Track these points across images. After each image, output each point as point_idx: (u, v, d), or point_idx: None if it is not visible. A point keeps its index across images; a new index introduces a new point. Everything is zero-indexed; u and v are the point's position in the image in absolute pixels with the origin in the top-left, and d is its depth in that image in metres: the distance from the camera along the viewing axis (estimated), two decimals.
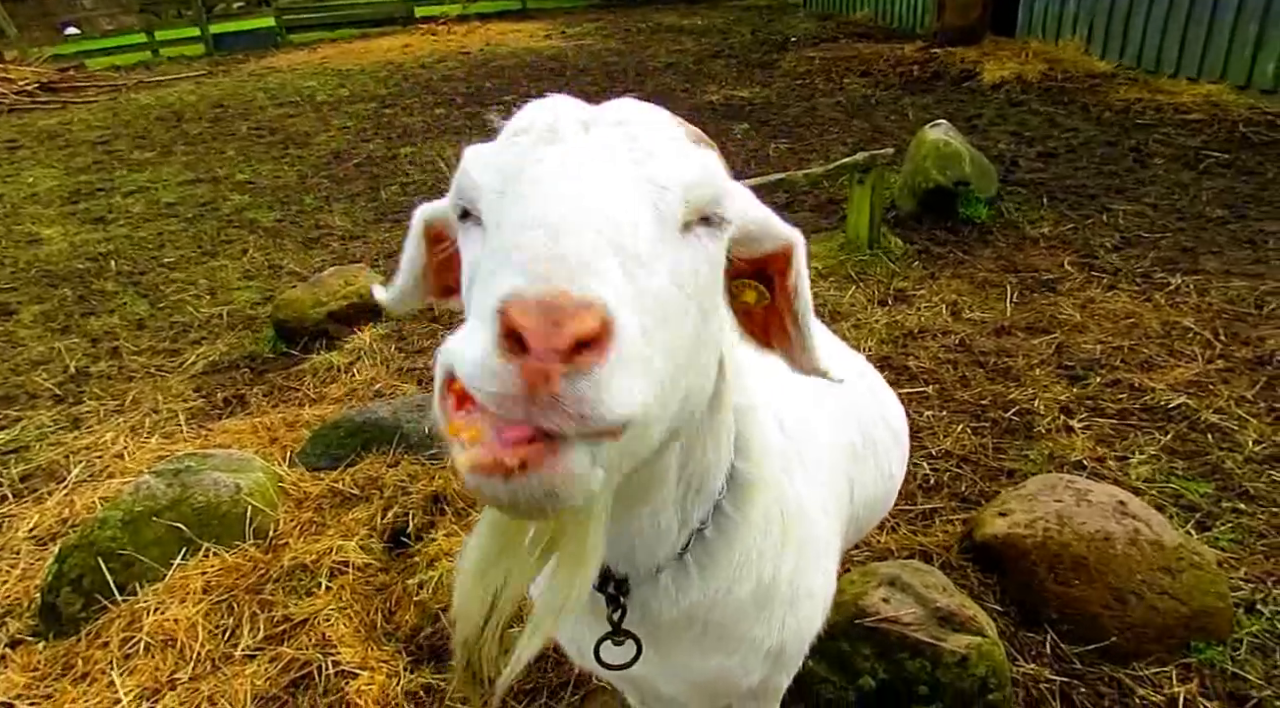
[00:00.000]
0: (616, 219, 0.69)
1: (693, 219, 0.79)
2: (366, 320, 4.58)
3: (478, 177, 0.79)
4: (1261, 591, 2.45)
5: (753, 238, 0.95)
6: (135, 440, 3.66)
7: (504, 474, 0.60)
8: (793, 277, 0.98)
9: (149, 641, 2.42)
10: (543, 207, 0.68)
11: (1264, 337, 3.80)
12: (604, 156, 0.75)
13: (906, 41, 11.25)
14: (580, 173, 0.72)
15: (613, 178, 0.73)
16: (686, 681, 1.22)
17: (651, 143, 0.78)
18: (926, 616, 2.10)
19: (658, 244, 0.72)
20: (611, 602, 1.08)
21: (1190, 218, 5.26)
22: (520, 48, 14.34)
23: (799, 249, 0.98)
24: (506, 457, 0.60)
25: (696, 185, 0.78)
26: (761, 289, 1.00)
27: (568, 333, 0.58)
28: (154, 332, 4.84)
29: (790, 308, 1.00)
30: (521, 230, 0.67)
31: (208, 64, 15.25)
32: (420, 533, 2.81)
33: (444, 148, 8.33)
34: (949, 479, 3.08)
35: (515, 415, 0.60)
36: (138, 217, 6.92)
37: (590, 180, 0.71)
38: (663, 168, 0.76)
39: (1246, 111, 7.01)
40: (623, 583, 1.08)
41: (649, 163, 0.76)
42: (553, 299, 0.59)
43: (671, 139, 0.81)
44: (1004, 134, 7.25)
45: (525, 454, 0.60)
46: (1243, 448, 3.08)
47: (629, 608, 1.09)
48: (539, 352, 0.58)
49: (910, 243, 5.14)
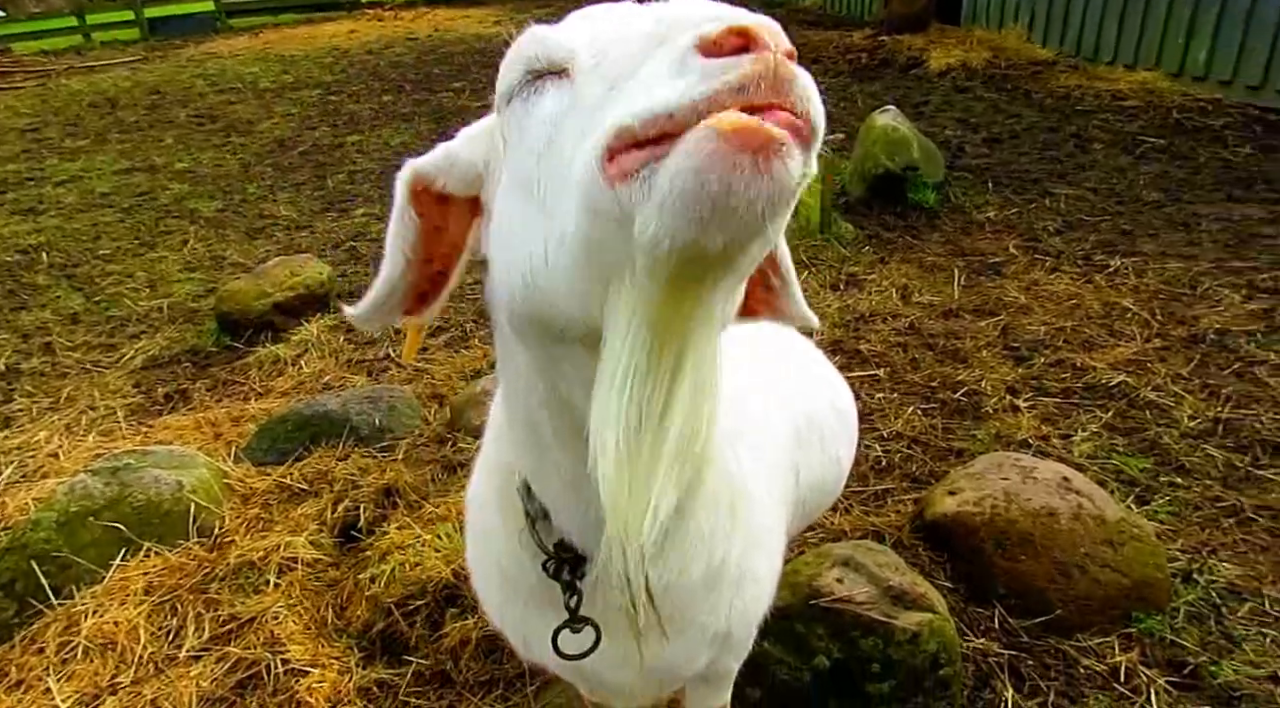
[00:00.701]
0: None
1: None
2: (314, 311, 4.48)
3: (563, 37, 0.73)
4: (1197, 561, 2.53)
5: None
6: (71, 439, 3.53)
7: (760, 146, 0.53)
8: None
9: (88, 645, 2.33)
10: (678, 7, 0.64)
11: (1198, 316, 3.92)
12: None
13: (855, 29, 11.35)
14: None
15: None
16: (635, 666, 1.21)
17: None
18: (879, 594, 2.13)
19: None
20: (568, 588, 1.06)
21: (1128, 202, 5.41)
22: (469, 34, 14.13)
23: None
24: (774, 130, 0.53)
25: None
26: None
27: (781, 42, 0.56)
28: (89, 326, 4.67)
29: (771, 259, 0.99)
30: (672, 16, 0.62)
31: (143, 49, 14.74)
32: (372, 527, 2.75)
33: (392, 136, 8.18)
34: (900, 460, 3.12)
35: (763, 95, 0.54)
36: (70, 207, 6.67)
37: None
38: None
39: (1180, 98, 7.22)
40: (578, 567, 1.06)
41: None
42: (754, 24, 0.56)
43: None
44: (950, 120, 7.37)
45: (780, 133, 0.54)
46: (1179, 424, 3.18)
47: (583, 594, 1.07)
48: (768, 43, 0.55)
49: (861, 228, 5.20)
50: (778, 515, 1.37)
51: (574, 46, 0.71)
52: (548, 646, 1.11)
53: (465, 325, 4.37)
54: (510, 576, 1.18)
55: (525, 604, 1.19)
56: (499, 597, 1.25)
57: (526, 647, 1.26)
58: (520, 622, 1.23)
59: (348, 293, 4.85)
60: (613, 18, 0.71)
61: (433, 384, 3.78)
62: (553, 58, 0.72)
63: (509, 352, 0.94)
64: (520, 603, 1.20)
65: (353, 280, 5.02)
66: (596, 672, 1.21)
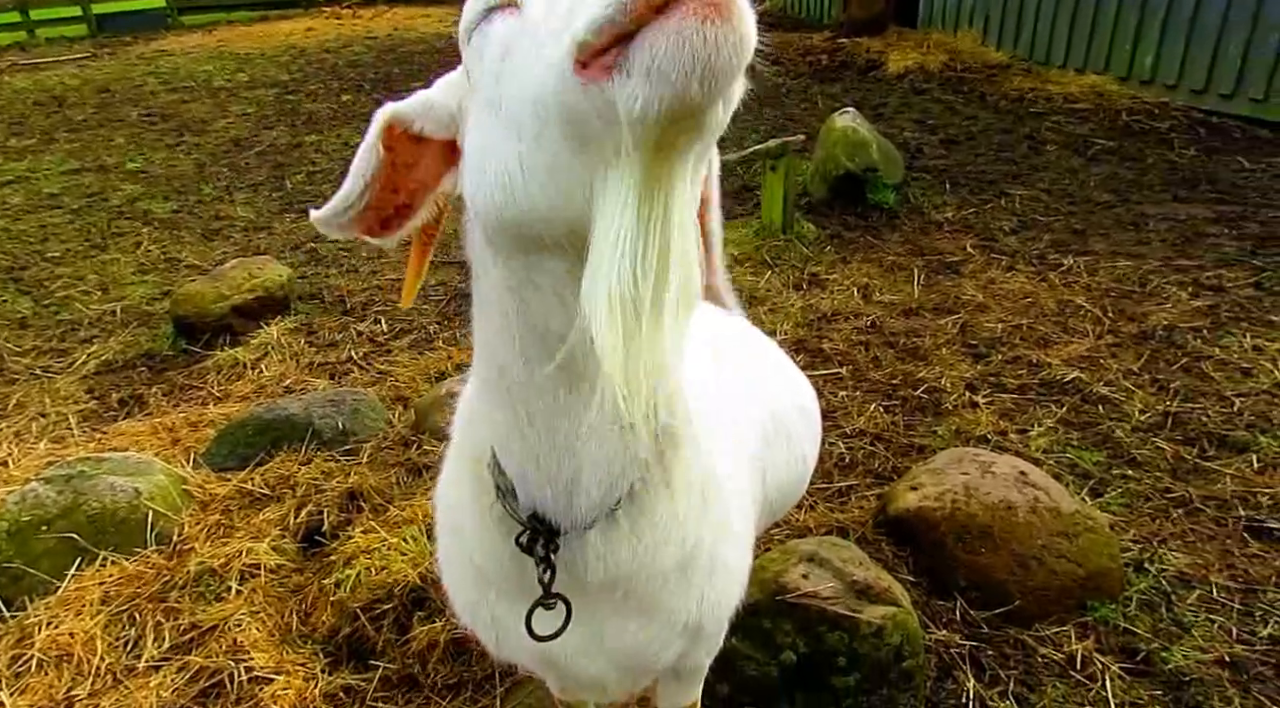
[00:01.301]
0: None
1: None
2: (274, 314, 4.41)
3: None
4: (1148, 551, 2.62)
5: None
6: (20, 447, 3.43)
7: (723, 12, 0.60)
8: (709, 189, 1.01)
9: (41, 657, 2.27)
10: None
11: (1147, 313, 4.04)
12: None
13: (814, 31, 11.48)
14: None
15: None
16: (606, 655, 1.22)
17: None
18: (844, 589, 2.16)
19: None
20: (542, 561, 1.07)
21: (1080, 202, 5.55)
22: (429, 33, 14.01)
23: (714, 169, 1.01)
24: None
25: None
26: None
27: None
28: (38, 330, 4.54)
29: (704, 229, 1.03)
30: None
31: (91, 46, 14.35)
32: (336, 531, 2.72)
33: (352, 135, 8.07)
34: (863, 457, 3.17)
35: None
36: (16, 208, 6.47)
37: None
38: None
39: (1128, 101, 7.42)
40: (551, 541, 1.06)
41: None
42: None
43: None
44: (908, 122, 7.49)
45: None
46: (1130, 418, 3.27)
47: (555, 569, 1.07)
48: None
49: (823, 228, 5.26)
50: (748, 510, 1.39)
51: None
52: (520, 636, 1.11)
53: (429, 328, 4.34)
54: (482, 567, 1.18)
55: (497, 596, 1.19)
56: (471, 594, 1.25)
57: (498, 644, 1.26)
58: (491, 617, 1.23)
59: (308, 295, 4.78)
60: None
61: (396, 387, 3.74)
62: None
63: (484, 277, 0.96)
64: (491, 595, 1.20)
65: (313, 282, 4.96)
66: (569, 661, 1.21)
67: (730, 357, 1.61)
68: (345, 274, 5.09)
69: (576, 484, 1.02)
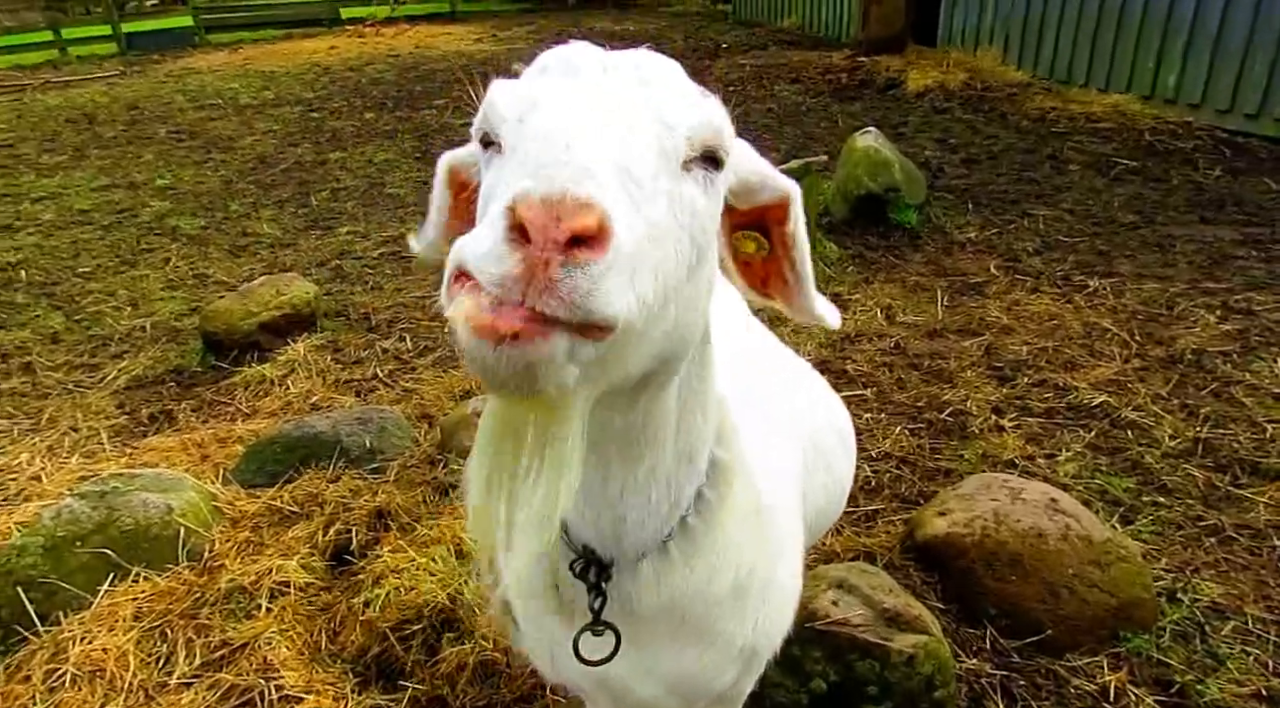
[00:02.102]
0: (624, 142, 0.75)
1: (694, 156, 0.84)
2: (301, 331, 4.46)
3: (502, 106, 0.84)
4: (1181, 580, 2.59)
5: (752, 189, 1.02)
6: (53, 461, 3.48)
7: (494, 341, 0.65)
8: (791, 224, 1.06)
9: (75, 672, 2.29)
10: (555, 123, 0.74)
11: (1175, 336, 4.01)
12: (618, 91, 0.82)
13: (834, 50, 11.52)
14: (594, 102, 0.78)
15: (624, 109, 0.79)
16: (660, 680, 1.22)
17: (663, 87, 0.86)
18: (874, 617, 2.15)
19: (659, 174, 0.78)
20: (594, 589, 1.08)
21: (1104, 223, 5.52)
22: (451, 51, 14.17)
23: (796, 198, 1.05)
24: (500, 324, 0.65)
25: (700, 127, 0.84)
26: (761, 239, 1.07)
27: (566, 226, 0.64)
28: (70, 345, 4.61)
29: (789, 254, 1.08)
30: (534, 143, 0.73)
31: (120, 64, 14.61)
32: (364, 550, 2.74)
33: (375, 153, 8.17)
34: (889, 480, 3.16)
35: (514, 295, 0.65)
36: (49, 224, 6.59)
37: (603, 108, 0.78)
38: (671, 109, 0.83)
39: (1152, 121, 7.40)
40: (605, 569, 1.07)
41: (659, 103, 0.83)
42: (557, 197, 0.65)
43: (681, 86, 0.88)
44: (929, 141, 7.49)
45: (517, 327, 0.65)
46: (1160, 444, 3.24)
47: (608, 599, 1.09)
48: (539, 241, 0.64)
49: (845, 248, 5.26)
50: (796, 532, 1.39)
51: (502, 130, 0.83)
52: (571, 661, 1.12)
53: (454, 346, 4.36)
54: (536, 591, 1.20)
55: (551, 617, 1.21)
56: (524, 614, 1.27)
57: (552, 664, 1.28)
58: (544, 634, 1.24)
59: (334, 312, 4.83)
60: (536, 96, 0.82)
61: (422, 404, 3.77)
62: (494, 128, 0.85)
63: None
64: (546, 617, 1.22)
65: (339, 299, 5.01)
66: (623, 685, 1.22)
67: (771, 380, 1.62)
68: (370, 291, 5.14)
69: (622, 526, 1.05)
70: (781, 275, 1.11)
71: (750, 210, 1.05)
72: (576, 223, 0.64)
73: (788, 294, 1.12)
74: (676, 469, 1.06)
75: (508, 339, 0.64)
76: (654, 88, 0.84)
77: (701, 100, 0.88)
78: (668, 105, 0.83)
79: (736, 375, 1.35)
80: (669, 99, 0.84)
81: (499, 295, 0.65)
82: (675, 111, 0.83)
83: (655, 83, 0.85)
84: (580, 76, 0.84)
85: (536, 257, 0.64)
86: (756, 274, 1.12)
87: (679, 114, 0.83)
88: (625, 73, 0.85)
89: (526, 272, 0.64)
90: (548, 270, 0.64)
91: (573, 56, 0.87)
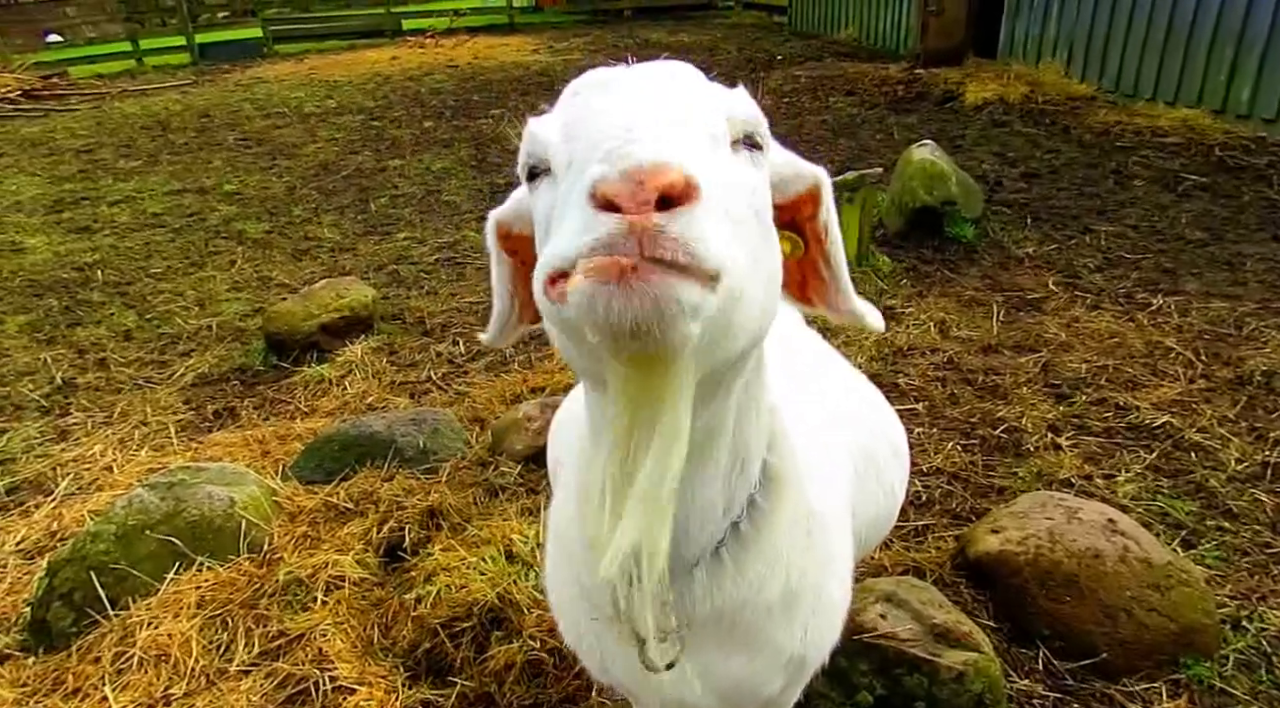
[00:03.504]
0: (675, 123, 0.76)
1: (738, 137, 0.87)
2: (358, 334, 4.58)
3: (544, 134, 0.86)
4: (1246, 608, 2.50)
5: (784, 180, 1.03)
6: (124, 453, 3.63)
7: (619, 279, 0.64)
8: (823, 215, 1.06)
9: (142, 656, 2.39)
10: (608, 119, 0.75)
11: (1244, 357, 3.88)
12: (656, 88, 0.83)
13: (890, 62, 11.42)
14: (637, 96, 0.80)
15: (666, 99, 0.80)
16: (711, 686, 1.23)
17: (693, 82, 0.89)
18: (923, 632, 2.13)
19: (714, 150, 0.80)
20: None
21: (1170, 239, 5.37)
22: (508, 62, 14.41)
23: (826, 185, 1.06)
24: (623, 259, 0.64)
25: (738, 110, 0.87)
26: (795, 239, 1.08)
27: (653, 186, 0.65)
28: (141, 343, 4.80)
29: (823, 249, 1.08)
30: (591, 139, 0.74)
31: (193, 73, 15.19)
32: (416, 548, 2.80)
33: (433, 161, 8.35)
34: (940, 496, 3.11)
35: (627, 249, 0.65)
36: (124, 226, 6.88)
37: (648, 99, 0.79)
38: (708, 97, 0.86)
39: (1222, 136, 7.16)
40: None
41: (695, 93, 0.86)
42: (634, 167, 0.66)
43: (706, 83, 0.91)
44: (987, 154, 7.37)
45: (641, 264, 0.64)
46: (1225, 467, 3.14)
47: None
48: (632, 204, 0.65)
49: (898, 261, 5.21)
50: (846, 543, 1.39)
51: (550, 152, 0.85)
52: (624, 658, 1.14)
53: (505, 351, 4.44)
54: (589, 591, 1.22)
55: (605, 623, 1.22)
56: (578, 616, 1.29)
57: (602, 667, 1.29)
58: (596, 639, 1.26)
59: (390, 315, 4.95)
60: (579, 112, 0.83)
61: (474, 408, 3.84)
62: (540, 157, 0.87)
63: None
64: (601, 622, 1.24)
65: (395, 303, 5.13)
66: (672, 689, 1.23)
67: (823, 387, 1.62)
68: (425, 296, 5.25)
69: (682, 531, 1.05)
70: (818, 273, 1.11)
71: (784, 206, 1.06)
72: (662, 180, 0.65)
73: (824, 293, 1.13)
74: (731, 474, 1.07)
75: (631, 275, 0.64)
76: (685, 82, 0.87)
77: (729, 91, 0.91)
78: (704, 94, 0.86)
79: (789, 381, 1.36)
80: (702, 89, 0.87)
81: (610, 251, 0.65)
82: (712, 99, 0.86)
83: (685, 78, 0.88)
84: (614, 84, 0.85)
85: (635, 217, 0.65)
86: (794, 279, 1.13)
87: (716, 100, 0.86)
88: (655, 73, 0.88)
89: (632, 228, 0.64)
90: (650, 221, 0.64)
91: (599, 75, 0.89)
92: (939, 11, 10.25)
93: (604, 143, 0.71)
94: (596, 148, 0.71)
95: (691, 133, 0.77)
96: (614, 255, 0.65)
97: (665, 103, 0.79)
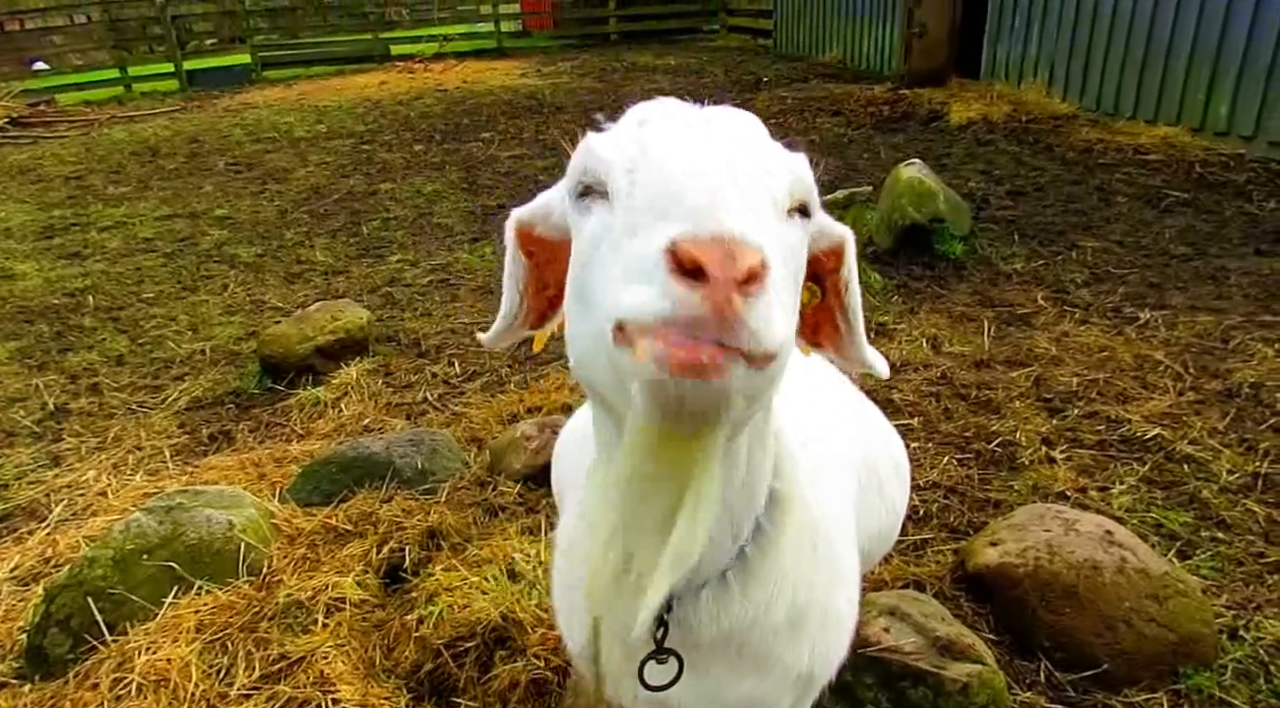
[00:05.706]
0: (748, 191, 0.79)
1: (793, 207, 0.90)
2: (353, 355, 4.58)
3: (606, 153, 0.87)
4: (1243, 617, 2.52)
5: (813, 238, 1.05)
6: (119, 478, 3.61)
7: (697, 372, 0.68)
8: (845, 272, 1.09)
9: (141, 681, 2.37)
10: (688, 167, 0.78)
11: (1231, 369, 3.94)
12: (728, 144, 0.85)
13: (875, 82, 11.57)
14: (712, 151, 0.82)
15: (739, 161, 0.82)
16: (720, 706, 1.24)
17: (763, 142, 0.91)
18: (926, 645, 2.14)
19: (776, 220, 0.84)
20: (657, 620, 1.10)
21: (1155, 255, 5.45)
22: (497, 86, 14.51)
23: (850, 245, 1.09)
24: (704, 356, 0.68)
25: (798, 181, 0.90)
26: (814, 288, 1.11)
27: (743, 265, 0.67)
28: (134, 368, 4.79)
29: (842, 303, 1.11)
30: (671, 192, 0.76)
31: (182, 100, 15.23)
32: (417, 568, 2.79)
33: (424, 184, 8.38)
34: (937, 510, 3.14)
35: (706, 333, 0.68)
36: (114, 252, 6.87)
37: (722, 159, 0.81)
38: (774, 164, 0.88)
39: (1203, 153, 7.30)
40: (669, 599, 1.10)
41: (763, 157, 0.88)
42: (727, 237, 0.69)
43: (771, 143, 0.93)
44: (974, 172, 7.48)
45: (717, 361, 0.68)
46: (1217, 478, 3.18)
47: (669, 627, 1.11)
48: (719, 280, 0.67)
49: (889, 278, 5.27)
50: (852, 560, 1.41)
51: (611, 176, 0.85)
52: (631, 679, 1.15)
53: (500, 370, 4.45)
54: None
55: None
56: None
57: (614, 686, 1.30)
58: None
59: (385, 337, 4.95)
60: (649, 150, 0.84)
61: (471, 428, 3.84)
62: (597, 177, 0.87)
63: None
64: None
65: (389, 325, 5.13)
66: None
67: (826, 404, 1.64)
68: (419, 318, 5.26)
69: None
70: (833, 323, 1.14)
71: (809, 259, 1.08)
72: (749, 262, 0.68)
73: (838, 342, 1.16)
74: (737, 502, 1.09)
75: (710, 371, 0.68)
76: (754, 142, 0.89)
77: (792, 156, 0.93)
78: (770, 160, 0.88)
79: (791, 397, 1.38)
80: (769, 154, 0.89)
81: (690, 334, 0.68)
82: (777, 166, 0.88)
83: (753, 138, 0.90)
84: (690, 130, 0.86)
85: (720, 296, 0.67)
86: (807, 323, 1.15)
87: (781, 168, 0.88)
88: (726, 126, 0.90)
89: (715, 310, 0.67)
90: (733, 307, 0.67)
91: (670, 109, 0.91)
92: (922, 33, 10.42)
93: (686, 199, 0.73)
94: (677, 202, 0.74)
95: (764, 205, 0.81)
96: (694, 336, 0.68)
97: (744, 166, 0.82)
